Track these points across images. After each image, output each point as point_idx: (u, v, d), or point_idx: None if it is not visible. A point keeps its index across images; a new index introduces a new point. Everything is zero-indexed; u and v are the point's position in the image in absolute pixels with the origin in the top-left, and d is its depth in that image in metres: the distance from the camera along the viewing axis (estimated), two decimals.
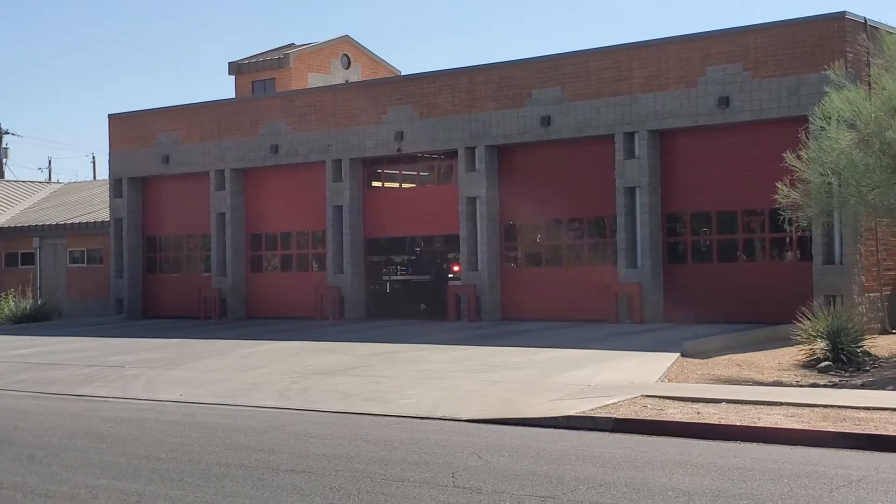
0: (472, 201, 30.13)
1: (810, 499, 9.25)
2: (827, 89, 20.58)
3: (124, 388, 19.76)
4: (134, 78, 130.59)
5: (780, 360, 19.94)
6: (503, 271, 30.21)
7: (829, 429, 12.60)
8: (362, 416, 15.56)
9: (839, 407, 14.06)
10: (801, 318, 20.15)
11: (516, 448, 12.26)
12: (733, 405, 14.60)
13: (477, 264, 29.99)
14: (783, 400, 14.76)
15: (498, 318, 29.64)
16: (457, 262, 31.65)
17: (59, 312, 41.03)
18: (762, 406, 14.44)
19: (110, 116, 39.22)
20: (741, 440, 12.57)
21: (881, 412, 13.62)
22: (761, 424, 13.04)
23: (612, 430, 13.64)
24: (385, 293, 34.70)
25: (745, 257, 27.09)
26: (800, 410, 13.94)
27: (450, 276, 32.69)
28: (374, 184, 33.65)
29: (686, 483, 10.03)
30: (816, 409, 14.00)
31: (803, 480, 10.00)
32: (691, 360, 19.91)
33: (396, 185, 34.45)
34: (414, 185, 34.42)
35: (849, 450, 11.76)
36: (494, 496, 9.66)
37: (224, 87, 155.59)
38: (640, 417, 13.98)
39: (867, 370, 18.70)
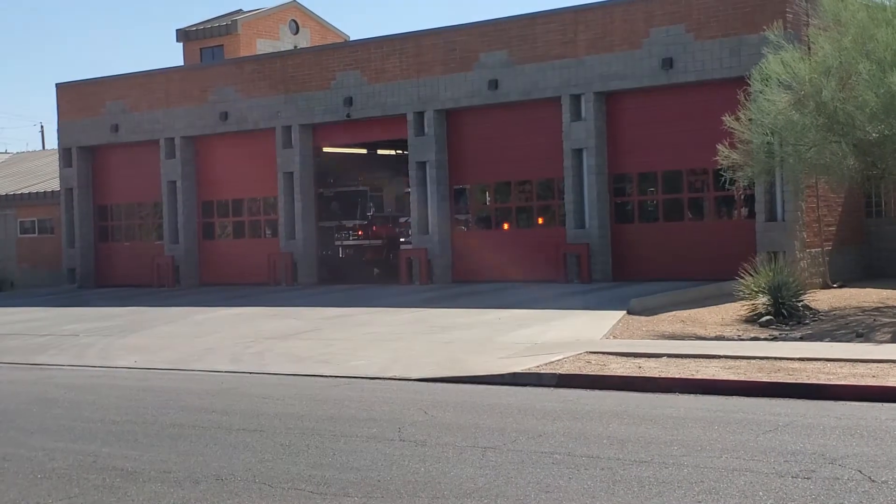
0: (421, 165, 30.36)
1: (737, 443, 9.70)
2: (766, 50, 20.97)
3: (79, 356, 19.95)
4: (81, 46, 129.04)
5: (724, 315, 20.40)
6: (454, 234, 30.52)
7: (763, 379, 13.09)
8: (315, 377, 15.91)
9: (775, 359, 14.56)
10: (743, 275, 20.62)
11: (462, 404, 12.65)
12: (674, 359, 15.06)
13: (428, 228, 30.27)
14: (722, 353, 15.25)
15: (449, 280, 29.99)
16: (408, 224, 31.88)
17: (10, 283, 40.95)
18: (702, 359, 14.92)
19: (58, 85, 38.94)
20: (679, 392, 13.03)
21: (814, 362, 14.14)
22: (699, 376, 13.51)
23: (556, 386, 14.06)
24: (338, 258, 34.97)
25: (690, 216, 27.56)
26: (737, 363, 14.43)
27: (401, 239, 32.96)
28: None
29: (621, 432, 10.46)
30: (753, 361, 14.49)
31: (733, 427, 10.46)
32: (637, 317, 20.33)
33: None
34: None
35: (780, 398, 12.24)
36: (438, 448, 10.04)
37: (172, 55, 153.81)
38: (583, 373, 14.40)
39: (807, 324, 19.18)
